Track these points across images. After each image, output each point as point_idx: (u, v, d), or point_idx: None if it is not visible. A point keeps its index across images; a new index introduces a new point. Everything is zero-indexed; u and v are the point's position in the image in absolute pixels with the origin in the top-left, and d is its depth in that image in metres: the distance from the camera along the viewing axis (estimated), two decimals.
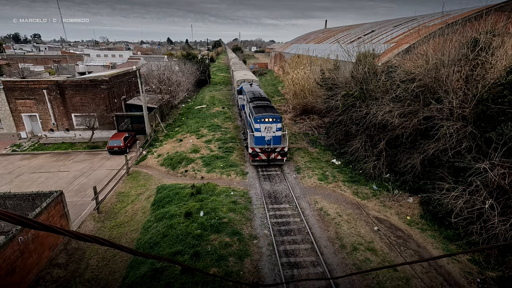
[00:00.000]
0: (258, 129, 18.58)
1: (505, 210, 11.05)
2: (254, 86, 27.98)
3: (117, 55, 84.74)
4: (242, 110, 28.20)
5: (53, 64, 59.08)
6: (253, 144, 19.08)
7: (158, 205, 15.60)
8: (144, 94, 26.53)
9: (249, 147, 19.26)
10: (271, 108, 20.09)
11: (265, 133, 18.59)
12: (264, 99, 22.39)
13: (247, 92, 24.72)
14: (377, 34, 37.27)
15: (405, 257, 11.58)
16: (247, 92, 24.98)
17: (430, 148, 14.25)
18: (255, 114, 18.55)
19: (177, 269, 10.82)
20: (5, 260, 9.72)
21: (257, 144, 18.91)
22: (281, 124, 18.86)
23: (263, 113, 18.58)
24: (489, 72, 13.40)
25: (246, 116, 24.13)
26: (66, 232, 1.76)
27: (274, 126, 18.61)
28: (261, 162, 19.42)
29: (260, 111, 19.16)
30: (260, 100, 21.68)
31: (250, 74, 41.12)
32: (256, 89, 26.38)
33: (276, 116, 18.54)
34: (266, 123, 18.42)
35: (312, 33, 76.90)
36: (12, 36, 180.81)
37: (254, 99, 22.07)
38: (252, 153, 18.96)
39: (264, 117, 18.29)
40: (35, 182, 19.42)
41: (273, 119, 18.43)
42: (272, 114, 18.57)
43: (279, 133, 18.84)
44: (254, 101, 21.41)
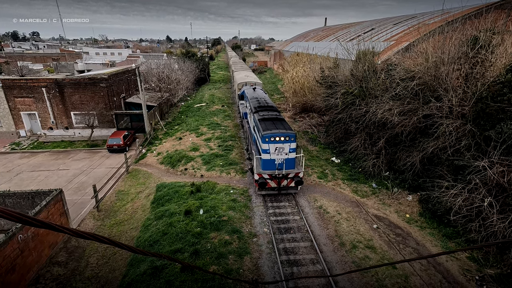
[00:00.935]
0: (267, 151, 14.79)
1: (504, 208, 11.08)
2: (258, 91, 24.17)
3: (116, 53, 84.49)
4: (244, 118, 24.29)
5: (52, 62, 58.91)
6: (260, 169, 15.23)
7: (158, 203, 15.61)
8: (143, 92, 26.48)
9: (254, 173, 15.40)
10: (281, 123, 16.08)
11: (275, 156, 14.84)
12: (272, 108, 18.58)
13: (250, 99, 20.94)
14: (377, 32, 37.20)
15: (404, 255, 11.62)
16: (250, 98, 21.19)
17: (429, 146, 14.26)
18: (263, 132, 14.74)
19: (177, 267, 10.85)
20: (5, 258, 9.74)
21: (265, 169, 15.10)
22: (295, 143, 14.96)
23: (273, 131, 14.76)
24: (489, 70, 13.39)
25: (249, 128, 20.24)
26: (65, 229, 1.76)
27: (286, 147, 14.74)
28: (269, 190, 15.73)
29: (268, 126, 15.36)
30: (267, 111, 17.93)
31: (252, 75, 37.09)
32: (260, 95, 22.50)
33: (290, 134, 14.70)
34: (276, 143, 14.66)
35: (312, 31, 76.72)
36: (11, 34, 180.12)
37: (259, 109, 18.13)
38: (259, 181, 15.05)
39: (273, 136, 14.54)
40: (34, 181, 19.41)
41: (286, 138, 14.65)
42: (284, 132, 14.70)
43: (293, 155, 15.02)
44: (259, 112, 17.62)
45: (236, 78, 36.00)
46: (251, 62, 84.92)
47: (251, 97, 21.63)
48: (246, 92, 23.65)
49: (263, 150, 14.91)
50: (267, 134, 14.58)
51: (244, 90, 25.18)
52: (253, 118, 18.13)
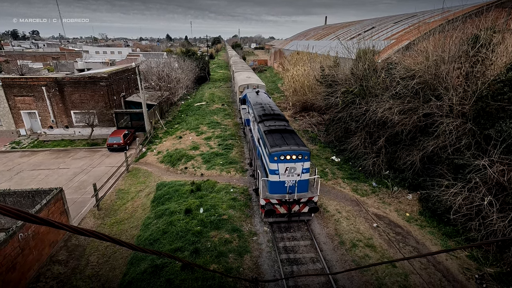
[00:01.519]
0: (275, 171, 12.39)
1: (504, 207, 11.09)
2: (262, 95, 21.73)
3: (116, 52, 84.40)
4: (246, 126, 22.03)
5: (52, 61, 58.86)
6: (267, 193, 12.79)
7: (158, 202, 15.63)
8: (143, 91, 26.46)
9: (260, 197, 12.92)
10: (292, 136, 13.65)
11: (285, 177, 12.46)
12: (279, 117, 16.04)
13: (254, 105, 18.45)
14: (377, 30, 37.13)
15: (404, 253, 11.64)
16: (253, 104, 18.63)
17: (429, 145, 14.26)
18: (270, 149, 12.34)
19: (177, 265, 10.87)
20: (5, 257, 9.76)
21: (273, 193, 12.69)
22: (309, 162, 12.53)
23: (283, 147, 12.33)
24: (489, 69, 13.37)
25: (253, 139, 18.00)
26: (64, 226, 1.76)
27: (299, 167, 12.36)
28: (278, 217, 13.24)
29: (276, 141, 12.91)
30: (274, 120, 15.47)
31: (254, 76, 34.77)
32: (264, 100, 19.99)
33: (303, 152, 12.27)
34: (287, 162, 12.24)
35: (312, 29, 76.58)
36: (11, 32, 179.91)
37: (264, 118, 15.73)
38: (265, 207, 12.46)
39: (284, 154, 12.12)
40: (35, 179, 19.43)
41: (298, 156, 12.23)
42: (297, 149, 12.28)
43: (306, 176, 12.60)
44: (265, 122, 15.27)
45: (237, 79, 33.47)
46: (251, 61, 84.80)
47: (254, 102, 19.11)
48: (249, 97, 21.20)
49: (271, 171, 12.41)
50: (276, 152, 12.11)
51: (246, 94, 22.67)
52: (257, 129, 15.67)
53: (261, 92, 22.61)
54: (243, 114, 24.32)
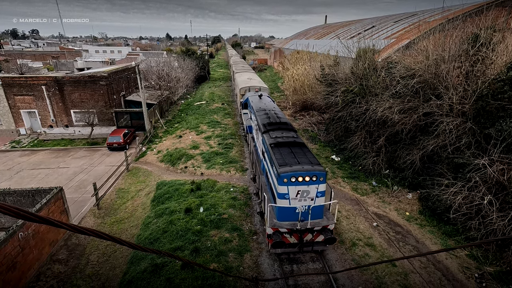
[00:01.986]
0: (285, 196, 10.43)
1: (504, 206, 11.09)
2: (265, 99, 19.62)
3: (116, 51, 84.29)
4: (248, 133, 20.04)
5: (51, 60, 58.76)
6: (275, 221, 10.80)
7: (158, 201, 15.64)
8: (143, 90, 26.44)
9: (267, 225, 10.86)
10: (302, 151, 11.80)
11: (296, 202, 10.51)
12: (286, 126, 14.14)
13: (257, 111, 16.46)
14: (377, 29, 37.08)
15: (404, 253, 11.65)
16: (256, 110, 16.67)
17: (429, 144, 14.26)
18: (279, 169, 10.43)
19: (177, 264, 10.88)
20: (5, 256, 9.76)
21: (282, 220, 10.71)
22: (325, 184, 10.56)
23: (294, 167, 10.38)
24: (489, 68, 13.36)
25: (256, 150, 16.20)
26: (64, 225, 1.76)
27: (313, 190, 10.42)
28: (288, 248, 10.98)
29: (286, 159, 11.02)
30: (281, 130, 13.59)
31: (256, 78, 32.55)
32: (269, 105, 17.92)
33: (318, 173, 10.28)
34: (299, 185, 10.30)
35: (312, 28, 76.49)
36: (10, 32, 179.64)
37: (269, 128, 13.82)
38: (273, 237, 10.55)
39: (295, 175, 10.16)
40: (35, 179, 19.43)
41: (313, 178, 10.27)
42: (310, 169, 10.33)
43: (321, 200, 10.71)
44: (270, 133, 13.31)
45: (237, 81, 31.33)
46: (251, 60, 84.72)
47: (257, 107, 17.17)
48: (251, 101, 19.18)
49: (280, 195, 10.44)
50: (285, 173, 10.18)
51: (248, 98, 20.45)
52: (261, 140, 13.74)
53: (264, 96, 20.63)
54: (245, 119, 22.24)
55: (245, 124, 22.02)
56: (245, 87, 26.12)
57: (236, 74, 34.62)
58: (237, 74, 34.40)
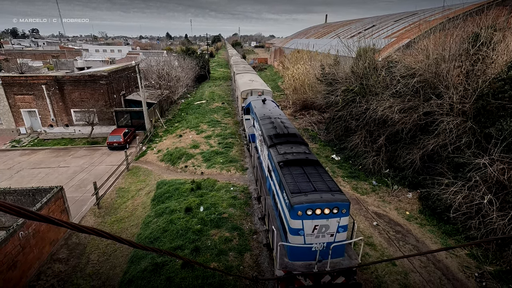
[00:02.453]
0: (299, 231, 8.48)
1: (504, 205, 11.09)
2: (269, 104, 17.81)
3: (116, 50, 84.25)
4: (251, 142, 18.17)
5: (51, 59, 58.75)
6: (286, 260, 8.90)
7: (158, 201, 15.65)
8: (143, 89, 26.44)
9: (276, 266, 8.98)
10: (319, 172, 9.78)
11: (313, 238, 8.61)
12: (296, 138, 12.11)
13: (261, 118, 14.67)
14: (377, 28, 37.04)
15: (404, 252, 11.65)
16: (260, 117, 14.92)
17: (429, 144, 14.25)
18: (291, 197, 8.45)
19: (177, 263, 10.89)
20: (6, 255, 9.78)
21: (295, 260, 8.84)
22: (347, 217, 8.58)
23: (311, 197, 8.36)
24: (490, 67, 13.35)
25: (260, 164, 14.48)
26: (65, 224, 1.76)
27: (333, 224, 8.50)
28: None
29: (299, 183, 9.02)
30: (290, 144, 11.53)
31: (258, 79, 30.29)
32: (274, 111, 15.98)
33: (340, 204, 8.30)
34: (316, 219, 8.39)
35: (312, 28, 76.42)
36: (10, 31, 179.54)
37: (277, 141, 11.74)
38: (285, 280, 8.62)
39: (312, 207, 8.22)
40: (35, 178, 19.44)
41: (333, 210, 8.31)
42: (330, 199, 8.35)
43: (343, 236, 8.79)
44: (278, 147, 11.35)
45: (238, 83, 28.90)
46: (251, 59, 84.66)
47: (261, 114, 15.32)
48: (254, 106, 17.42)
49: (292, 230, 8.49)
50: (300, 204, 8.17)
51: (251, 103, 18.55)
52: (267, 155, 11.80)
53: (268, 100, 18.71)
54: (247, 127, 20.11)
55: (248, 132, 19.53)
56: (247, 90, 24.35)
57: (237, 76, 32.63)
58: (238, 76, 32.38)
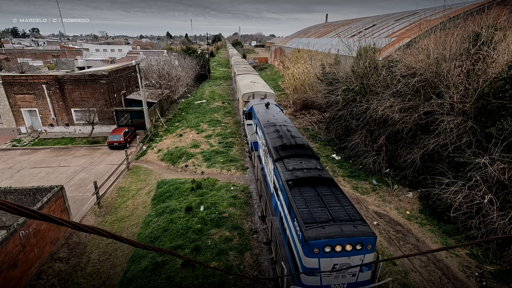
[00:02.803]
0: (314, 270, 7.19)
1: (504, 205, 11.09)
2: (273, 108, 16.65)
3: (116, 50, 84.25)
4: (254, 150, 16.92)
5: (52, 59, 58.77)
6: None
7: (159, 200, 15.66)
8: (143, 89, 26.44)
9: None
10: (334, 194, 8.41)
11: (332, 279, 7.38)
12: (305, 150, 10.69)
13: (264, 125, 13.34)
14: (378, 28, 36.99)
15: (404, 251, 11.65)
16: (263, 123, 13.62)
17: (430, 143, 14.24)
18: (305, 229, 7.08)
19: (178, 263, 10.90)
20: (7, 254, 9.80)
21: None
22: (373, 253, 7.22)
23: (328, 230, 6.98)
24: (491, 67, 13.32)
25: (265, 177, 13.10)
26: (65, 222, 1.76)
27: (356, 261, 7.12)
28: None
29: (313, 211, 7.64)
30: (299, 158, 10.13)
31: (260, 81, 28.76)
32: (278, 117, 14.74)
33: (365, 238, 6.94)
34: (336, 257, 7.03)
35: (313, 27, 76.34)
36: (11, 30, 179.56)
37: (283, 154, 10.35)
38: None
39: (331, 243, 6.85)
40: (35, 177, 19.46)
41: (357, 246, 6.96)
42: (354, 234, 6.94)
43: (367, 275, 7.58)
44: (285, 161, 9.99)
45: (239, 85, 27.18)
46: (252, 58, 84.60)
47: (264, 121, 13.95)
48: (256, 111, 16.22)
49: (306, 269, 7.17)
50: (317, 240, 6.80)
51: (253, 107, 17.35)
52: (273, 170, 10.45)
53: (272, 105, 17.39)
54: (249, 133, 18.42)
55: (250, 139, 17.88)
56: (248, 93, 22.87)
57: (238, 77, 31.34)
58: (238, 77, 31.11)
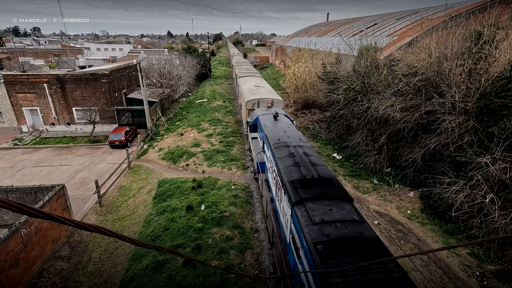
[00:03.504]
0: None
1: (506, 205, 11.06)
2: (283, 120, 13.94)
3: (117, 49, 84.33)
4: (260, 173, 14.15)
5: (53, 58, 58.85)
6: None
7: (160, 199, 15.68)
8: (144, 88, 26.46)
9: None
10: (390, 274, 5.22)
11: None
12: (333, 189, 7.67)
13: (274, 146, 10.65)
14: (379, 27, 36.87)
15: (405, 251, 11.64)
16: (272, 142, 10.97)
17: (431, 143, 14.21)
18: None
19: (179, 261, 10.92)
20: (8, 252, 9.83)
21: None
22: None
23: None
24: (493, 66, 13.26)
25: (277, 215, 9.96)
26: (67, 221, 1.76)
27: None
28: None
29: None
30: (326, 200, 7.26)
31: (265, 84, 25.59)
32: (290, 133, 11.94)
33: None
34: None
35: (314, 26, 76.18)
36: (12, 29, 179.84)
37: (304, 195, 7.37)
38: None
39: None
40: (37, 176, 19.51)
41: None
42: None
43: None
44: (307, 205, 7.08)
45: (242, 89, 24.03)
46: (253, 57, 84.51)
47: (273, 138, 11.31)
48: (263, 124, 13.48)
49: None
50: None
51: (259, 118, 14.66)
52: (291, 217, 7.49)
53: (281, 115, 14.69)
54: (255, 150, 15.59)
55: (256, 158, 14.81)
56: (252, 100, 20.01)
57: (240, 80, 28.38)
58: (241, 80, 28.27)
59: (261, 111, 16.40)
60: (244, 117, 21.95)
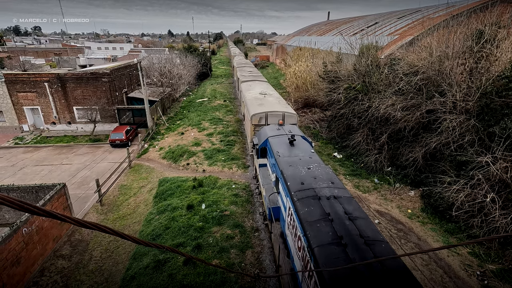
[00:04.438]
0: None
1: (507, 204, 11.04)
2: (302, 146, 11.18)
3: (118, 48, 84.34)
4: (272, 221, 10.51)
5: (54, 57, 58.89)
6: None
7: (160, 198, 15.71)
8: (145, 87, 26.46)
9: None
10: None
11: None
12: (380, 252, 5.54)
13: (295, 193, 7.84)
14: (380, 26, 36.79)
15: (406, 250, 11.64)
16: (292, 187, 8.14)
17: (432, 142, 14.19)
18: None
19: (179, 260, 10.95)
20: (10, 251, 9.87)
21: None
22: None
23: None
24: (494, 65, 13.23)
25: None
26: (68, 219, 1.77)
27: None
28: None
29: None
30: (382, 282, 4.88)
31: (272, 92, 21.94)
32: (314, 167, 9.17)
33: None
34: None
35: (315, 25, 76.05)
36: (13, 28, 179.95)
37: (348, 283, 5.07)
38: None
39: None
40: (38, 175, 19.56)
41: None
42: None
43: None
44: None
45: (246, 99, 20.31)
46: (253, 56, 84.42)
47: (293, 179, 8.55)
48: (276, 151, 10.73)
49: None
50: None
51: (269, 141, 12.06)
52: None
53: (299, 138, 11.86)
54: (264, 184, 12.28)
55: (266, 199, 11.21)
56: (259, 114, 16.41)
57: (243, 85, 24.36)
58: (243, 85, 24.14)
59: (271, 130, 13.25)
60: (249, 134, 17.86)
